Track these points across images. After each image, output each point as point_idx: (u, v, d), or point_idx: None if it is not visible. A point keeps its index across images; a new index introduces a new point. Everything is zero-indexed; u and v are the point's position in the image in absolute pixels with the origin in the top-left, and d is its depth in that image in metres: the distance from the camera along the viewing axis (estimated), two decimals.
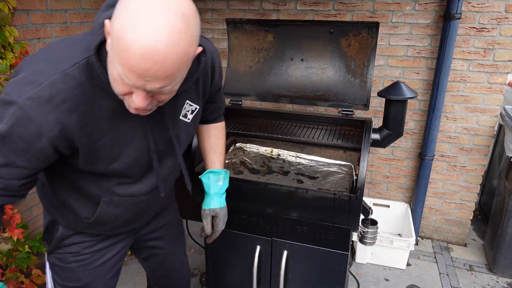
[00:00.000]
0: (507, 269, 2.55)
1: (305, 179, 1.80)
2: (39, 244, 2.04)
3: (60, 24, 2.11)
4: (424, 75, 2.60)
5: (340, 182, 1.77)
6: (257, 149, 2.04)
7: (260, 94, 2.03)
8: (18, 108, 0.86)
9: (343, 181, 1.78)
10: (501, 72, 2.45)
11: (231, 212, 1.78)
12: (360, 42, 1.82)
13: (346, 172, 1.85)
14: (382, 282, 2.50)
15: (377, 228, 1.78)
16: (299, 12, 2.69)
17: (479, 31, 2.41)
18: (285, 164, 1.95)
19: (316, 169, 1.89)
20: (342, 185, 1.73)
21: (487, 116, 2.57)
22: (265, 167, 1.92)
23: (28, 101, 0.86)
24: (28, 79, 0.88)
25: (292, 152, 2.00)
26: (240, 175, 1.84)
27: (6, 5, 1.72)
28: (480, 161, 2.68)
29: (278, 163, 1.96)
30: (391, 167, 2.90)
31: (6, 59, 1.77)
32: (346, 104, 1.89)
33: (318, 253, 1.71)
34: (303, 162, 1.96)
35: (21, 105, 0.86)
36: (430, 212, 2.90)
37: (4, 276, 1.83)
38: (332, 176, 1.81)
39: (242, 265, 1.87)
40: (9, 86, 0.90)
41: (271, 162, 1.97)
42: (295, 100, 1.98)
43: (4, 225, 1.83)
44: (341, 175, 1.83)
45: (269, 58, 1.99)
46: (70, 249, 1.26)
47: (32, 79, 0.88)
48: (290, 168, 1.91)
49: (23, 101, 0.86)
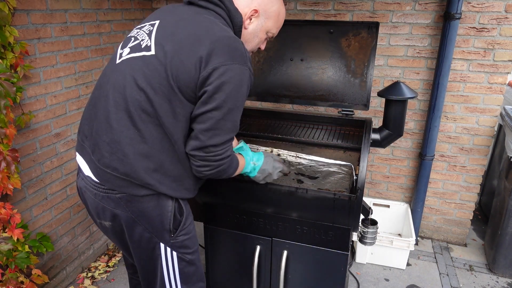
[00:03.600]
0: (507, 269, 2.55)
1: (305, 179, 1.79)
2: (39, 244, 2.04)
3: (60, 24, 2.11)
4: (424, 75, 2.60)
5: (340, 182, 1.76)
6: (257, 149, 2.04)
7: (260, 94, 2.03)
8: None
9: (343, 181, 1.77)
10: (501, 72, 2.45)
11: (231, 212, 1.78)
12: (360, 42, 1.82)
13: (346, 172, 1.84)
14: (382, 282, 2.50)
15: (377, 228, 1.78)
16: (299, 12, 2.69)
17: (479, 31, 2.41)
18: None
19: (316, 169, 1.88)
20: (342, 185, 1.72)
21: (487, 116, 2.57)
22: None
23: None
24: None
25: (292, 152, 1.98)
26: None
27: (6, 5, 1.72)
28: (480, 161, 2.68)
29: None
30: (391, 167, 2.90)
31: (6, 59, 1.77)
32: (346, 104, 1.89)
33: (318, 253, 1.71)
34: (303, 162, 1.95)
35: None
36: (430, 212, 2.90)
37: (4, 276, 1.83)
38: (332, 176, 1.81)
39: (242, 265, 1.87)
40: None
41: None
42: (295, 100, 1.98)
43: (4, 225, 1.83)
44: (341, 175, 1.82)
45: (269, 58, 1.99)
46: (189, 219, 1.40)
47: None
48: (290, 168, 1.91)
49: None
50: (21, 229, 1.86)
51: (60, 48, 2.14)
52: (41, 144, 2.10)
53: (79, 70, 2.30)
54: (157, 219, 1.29)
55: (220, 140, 1.20)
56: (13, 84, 1.73)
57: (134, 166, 1.20)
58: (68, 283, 2.42)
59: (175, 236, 1.34)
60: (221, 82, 1.14)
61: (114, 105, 1.20)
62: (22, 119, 1.91)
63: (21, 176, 1.97)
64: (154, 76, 1.16)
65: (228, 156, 1.25)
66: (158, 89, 1.16)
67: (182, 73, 1.15)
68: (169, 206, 1.30)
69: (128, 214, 1.27)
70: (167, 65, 1.15)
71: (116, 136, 1.20)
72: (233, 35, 1.22)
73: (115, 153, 1.21)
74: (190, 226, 1.40)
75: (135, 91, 1.18)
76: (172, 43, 1.17)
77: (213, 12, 1.27)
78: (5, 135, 1.76)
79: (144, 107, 1.17)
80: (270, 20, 1.36)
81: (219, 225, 1.83)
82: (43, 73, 2.05)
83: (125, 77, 1.20)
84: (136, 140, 1.19)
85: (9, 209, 1.83)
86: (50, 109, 2.13)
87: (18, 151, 1.87)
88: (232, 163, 1.31)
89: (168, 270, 1.37)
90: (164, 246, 1.34)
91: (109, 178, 1.24)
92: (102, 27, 2.45)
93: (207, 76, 1.14)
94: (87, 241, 2.57)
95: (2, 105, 1.70)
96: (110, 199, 1.27)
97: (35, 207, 2.12)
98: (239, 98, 1.20)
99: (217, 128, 1.19)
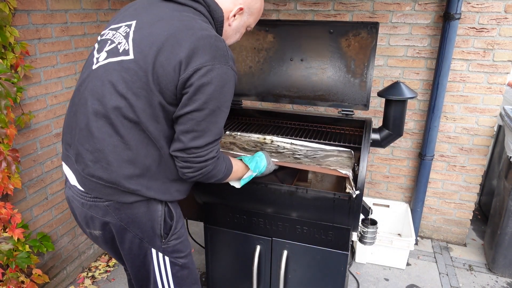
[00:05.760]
0: (506, 269, 2.55)
1: (302, 157, 1.72)
2: (39, 244, 2.04)
3: (61, 24, 2.12)
4: (424, 75, 2.61)
5: (340, 161, 1.67)
6: (248, 136, 1.96)
7: (260, 94, 2.03)
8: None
9: (344, 161, 1.68)
10: (501, 72, 2.46)
11: (231, 212, 1.78)
12: (360, 42, 1.83)
13: (346, 156, 1.75)
14: (382, 282, 2.50)
15: (377, 228, 1.78)
16: (299, 12, 2.69)
17: (478, 31, 2.41)
18: (279, 148, 1.87)
19: (313, 153, 1.80)
20: (345, 163, 1.63)
21: (487, 116, 2.58)
22: (257, 148, 1.83)
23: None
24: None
25: (286, 139, 1.89)
26: (231, 151, 1.73)
27: (7, 5, 1.72)
28: (479, 161, 2.69)
29: (272, 146, 1.88)
30: (391, 167, 2.90)
31: (6, 59, 1.77)
32: (346, 104, 1.89)
33: (318, 253, 1.71)
34: (300, 148, 1.86)
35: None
36: (430, 212, 2.91)
37: (5, 276, 1.84)
38: (332, 157, 1.73)
39: (242, 265, 1.87)
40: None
41: (263, 146, 1.89)
42: (295, 100, 1.98)
43: (5, 225, 1.84)
44: (340, 157, 1.73)
45: (269, 58, 2.00)
46: (181, 223, 1.39)
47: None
48: (286, 150, 1.83)
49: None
50: (21, 229, 1.87)
51: (61, 48, 2.15)
52: (41, 144, 2.10)
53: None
54: (147, 224, 1.28)
55: (202, 142, 1.17)
56: (13, 84, 1.73)
57: (119, 174, 1.18)
58: (69, 282, 2.43)
59: (167, 241, 1.33)
60: (201, 83, 1.11)
61: (93, 113, 1.17)
62: (23, 119, 1.91)
63: (21, 176, 1.97)
64: (134, 81, 1.13)
65: (211, 158, 1.21)
66: (140, 94, 1.13)
67: (162, 76, 1.12)
68: (159, 211, 1.28)
69: (118, 221, 1.25)
70: (147, 69, 1.12)
71: (98, 144, 1.17)
72: (214, 33, 1.18)
73: (98, 162, 1.18)
74: (181, 230, 1.38)
75: (115, 98, 1.14)
76: (151, 46, 1.13)
77: (192, 9, 1.22)
78: (5, 135, 1.76)
79: (126, 113, 1.14)
80: (252, 17, 1.37)
81: (219, 225, 1.84)
82: (43, 73, 2.06)
83: (104, 83, 1.16)
84: (120, 147, 1.17)
85: (10, 209, 1.83)
86: (50, 109, 2.13)
87: (18, 151, 1.87)
88: (218, 166, 1.27)
89: (161, 275, 1.36)
90: (156, 252, 1.32)
91: (94, 187, 1.22)
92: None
93: (187, 77, 1.11)
94: (87, 241, 2.57)
95: (2, 105, 1.70)
96: (98, 208, 1.25)
97: (36, 207, 2.12)
98: (222, 99, 1.17)
99: (199, 130, 1.16)
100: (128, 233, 1.28)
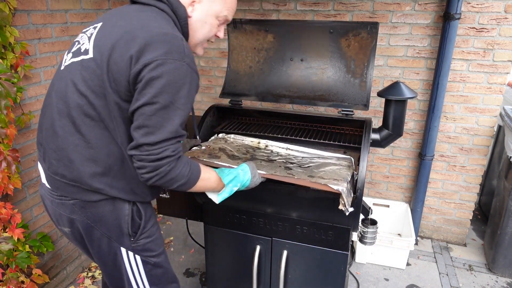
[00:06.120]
0: (506, 269, 2.55)
1: (294, 167, 1.62)
2: (39, 244, 2.04)
3: (61, 25, 2.12)
4: (424, 75, 2.61)
5: (336, 171, 1.57)
6: (242, 140, 1.90)
7: (260, 94, 2.03)
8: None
9: (340, 171, 1.58)
10: (501, 72, 2.46)
11: (231, 212, 1.78)
12: (360, 42, 1.82)
13: (345, 165, 1.67)
14: (382, 282, 2.50)
15: (377, 228, 1.78)
16: (299, 12, 2.69)
17: (478, 31, 2.41)
18: (272, 154, 1.77)
19: (309, 160, 1.70)
20: (339, 175, 1.53)
21: (487, 116, 2.58)
22: (247, 155, 1.74)
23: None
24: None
25: (282, 143, 1.81)
26: (217, 159, 1.65)
27: (7, 5, 1.73)
28: (479, 161, 2.69)
29: (263, 153, 1.80)
30: (391, 167, 2.90)
31: (6, 59, 1.77)
32: (346, 104, 1.89)
33: (318, 253, 1.71)
34: (295, 154, 1.78)
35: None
36: (430, 212, 2.91)
37: (5, 276, 1.84)
38: (328, 166, 1.63)
39: (242, 265, 1.87)
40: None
41: (256, 152, 1.81)
42: (295, 100, 1.98)
43: (5, 225, 1.84)
44: (338, 166, 1.64)
45: (269, 58, 2.00)
46: (151, 222, 1.37)
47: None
48: (279, 157, 1.73)
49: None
50: (21, 229, 1.87)
51: (61, 48, 2.15)
52: None
53: None
54: (114, 223, 1.27)
55: (155, 138, 1.10)
56: (13, 84, 1.73)
57: (81, 172, 1.19)
58: (69, 282, 2.43)
59: (136, 240, 1.32)
60: (151, 76, 1.08)
61: (57, 112, 1.19)
62: (23, 119, 1.91)
63: (21, 176, 1.97)
64: (93, 79, 1.14)
65: (165, 157, 1.12)
66: (98, 92, 1.14)
67: (116, 73, 1.11)
68: (125, 210, 1.27)
69: (84, 219, 1.26)
70: (104, 66, 1.12)
71: (61, 142, 1.19)
72: (172, 31, 1.15)
73: (61, 160, 1.20)
74: (152, 229, 1.37)
75: (77, 96, 1.16)
76: (108, 43, 1.14)
77: (156, 9, 1.21)
78: (5, 135, 1.76)
79: (87, 111, 1.16)
80: (215, 3, 1.28)
81: (219, 225, 1.84)
82: (43, 73, 2.06)
83: (67, 83, 1.19)
84: (81, 145, 1.18)
85: (10, 209, 1.83)
86: None
87: (18, 151, 1.87)
88: (178, 169, 1.17)
89: (134, 274, 1.35)
90: (125, 250, 1.31)
91: (59, 185, 1.24)
92: None
93: (137, 72, 1.09)
94: None
95: (2, 105, 1.70)
96: (64, 206, 1.26)
97: (36, 207, 2.12)
98: (176, 95, 1.11)
99: (150, 126, 1.10)
100: (95, 231, 1.28)
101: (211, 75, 3.11)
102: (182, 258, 2.74)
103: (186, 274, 2.58)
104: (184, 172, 1.19)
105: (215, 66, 3.07)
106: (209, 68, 3.10)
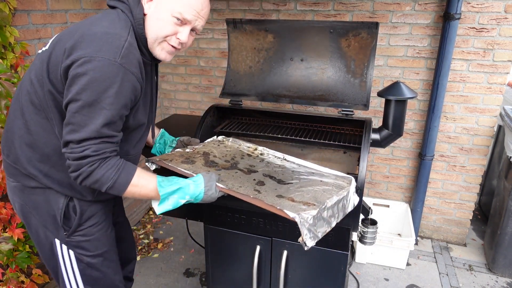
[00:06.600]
0: (506, 269, 2.55)
1: (271, 183, 1.42)
2: None
3: (61, 25, 2.12)
4: (424, 75, 2.61)
5: (318, 194, 1.34)
6: (239, 145, 1.81)
7: (260, 94, 2.03)
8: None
9: (324, 194, 1.34)
10: (501, 72, 2.46)
11: (231, 212, 1.78)
12: (360, 42, 1.83)
13: (337, 186, 1.42)
14: (382, 282, 2.50)
15: (377, 228, 1.79)
16: (299, 12, 2.69)
17: (478, 31, 2.41)
18: (260, 164, 1.59)
19: (298, 175, 1.51)
20: (318, 199, 1.30)
21: (487, 116, 2.58)
22: (229, 163, 1.57)
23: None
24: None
25: (278, 153, 1.70)
26: (188, 164, 1.48)
27: (7, 5, 1.73)
28: (479, 161, 2.69)
29: (251, 162, 1.61)
30: (391, 167, 2.90)
31: (6, 59, 1.77)
32: (346, 104, 1.89)
33: (318, 253, 1.71)
34: (288, 165, 1.60)
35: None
36: (430, 212, 2.91)
37: (5, 276, 1.84)
38: (314, 186, 1.41)
39: (242, 265, 1.87)
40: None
41: (243, 159, 1.63)
42: (295, 100, 1.98)
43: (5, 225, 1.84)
44: (326, 187, 1.40)
45: (269, 58, 2.00)
46: (91, 221, 1.37)
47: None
48: (263, 169, 1.55)
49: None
50: (21, 229, 1.86)
51: None
52: None
53: None
54: (49, 213, 1.31)
55: (77, 136, 1.09)
56: (13, 84, 1.73)
57: (18, 155, 1.27)
58: None
59: (70, 235, 1.33)
60: (76, 73, 1.07)
61: (15, 97, 1.30)
62: None
63: None
64: (40, 70, 1.19)
65: (86, 157, 1.10)
66: (42, 82, 1.19)
67: (53, 64, 1.15)
68: (60, 203, 1.29)
69: (23, 203, 1.33)
70: (47, 59, 1.17)
71: (9, 125, 1.30)
72: (116, 31, 1.13)
73: (7, 141, 1.30)
74: (91, 229, 1.35)
75: (28, 84, 1.23)
76: (58, 36, 1.21)
77: (119, 10, 1.22)
78: None
79: (32, 99, 1.22)
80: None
81: (219, 225, 1.84)
82: None
83: (28, 72, 1.27)
84: (23, 130, 1.25)
85: (10, 209, 1.83)
86: None
87: None
88: (102, 170, 1.13)
89: (66, 268, 1.37)
90: (60, 242, 1.34)
91: (6, 166, 1.34)
92: None
93: (66, 67, 1.10)
94: None
95: (2, 105, 1.70)
96: (9, 187, 1.35)
97: None
98: (102, 94, 1.08)
99: (74, 123, 1.09)
100: (32, 218, 1.34)
101: (211, 75, 3.12)
102: (182, 258, 2.74)
103: (186, 274, 2.58)
104: (109, 175, 1.14)
105: (215, 66, 3.08)
106: (209, 68, 3.10)
